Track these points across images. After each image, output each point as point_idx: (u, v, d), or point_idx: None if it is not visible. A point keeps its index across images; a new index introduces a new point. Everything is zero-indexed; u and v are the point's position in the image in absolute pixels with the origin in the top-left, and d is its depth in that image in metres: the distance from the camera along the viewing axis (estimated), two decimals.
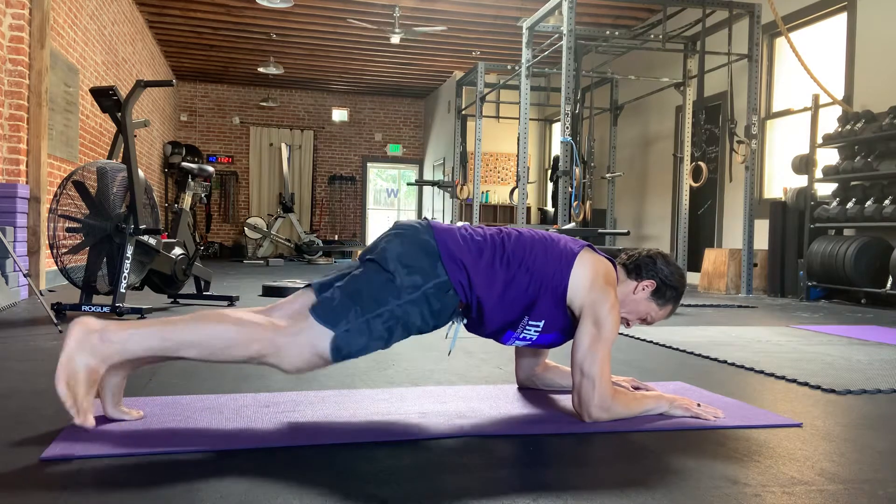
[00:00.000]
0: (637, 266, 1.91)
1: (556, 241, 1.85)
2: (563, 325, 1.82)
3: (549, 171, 11.99)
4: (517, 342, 1.87)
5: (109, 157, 4.01)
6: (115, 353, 1.55)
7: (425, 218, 1.84)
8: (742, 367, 2.65)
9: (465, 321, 1.84)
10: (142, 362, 1.66)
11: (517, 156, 7.93)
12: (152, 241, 3.87)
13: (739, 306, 5.24)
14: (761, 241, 6.83)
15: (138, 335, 1.55)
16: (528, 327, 1.81)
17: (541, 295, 1.77)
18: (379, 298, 1.66)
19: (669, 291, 1.91)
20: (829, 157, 6.14)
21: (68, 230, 3.72)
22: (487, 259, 1.76)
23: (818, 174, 5.95)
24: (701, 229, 8.34)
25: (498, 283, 1.75)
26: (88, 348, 1.53)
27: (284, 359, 1.61)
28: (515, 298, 1.77)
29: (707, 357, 2.85)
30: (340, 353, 1.63)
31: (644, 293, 1.90)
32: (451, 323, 1.82)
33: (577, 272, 1.78)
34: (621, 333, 3.45)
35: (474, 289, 1.73)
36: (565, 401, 1.97)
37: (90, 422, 1.51)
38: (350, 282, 1.70)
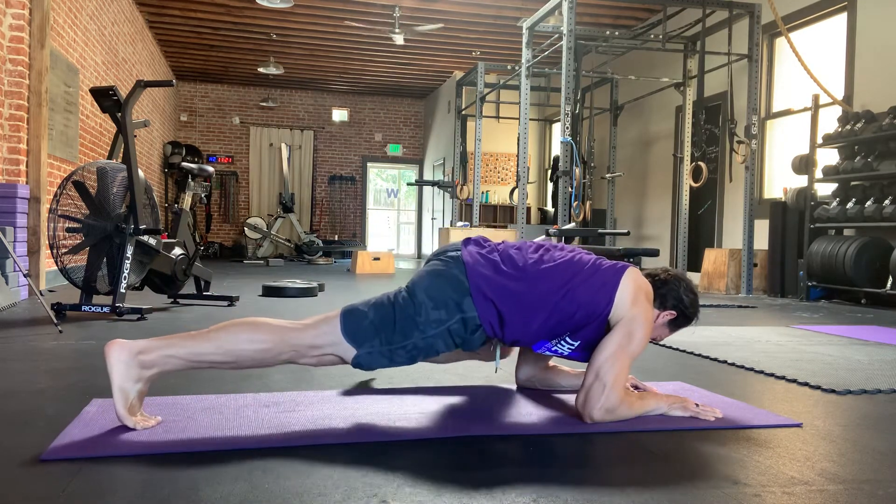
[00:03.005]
0: (662, 295, 1.93)
1: (600, 268, 1.82)
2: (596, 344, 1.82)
3: (549, 171, 11.99)
4: (547, 351, 1.87)
5: (109, 157, 4.01)
6: (155, 373, 1.64)
7: (465, 241, 1.86)
8: (742, 367, 2.65)
9: (503, 341, 1.86)
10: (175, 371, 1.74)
11: (517, 156, 7.93)
12: (152, 241, 3.87)
13: (739, 306, 5.24)
14: (761, 241, 6.83)
15: (173, 360, 1.63)
16: (562, 343, 1.83)
17: (589, 323, 1.79)
18: (405, 331, 1.72)
19: (684, 322, 1.97)
20: (829, 157, 6.14)
21: (68, 230, 3.72)
22: (524, 294, 1.76)
23: (818, 174, 5.95)
24: (701, 229, 8.34)
25: (536, 320, 1.77)
26: (135, 375, 1.61)
27: (308, 360, 1.72)
28: (559, 323, 1.78)
29: (707, 357, 2.85)
30: (361, 366, 1.74)
31: (662, 320, 1.95)
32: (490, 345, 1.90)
33: (622, 292, 1.79)
34: None
35: (506, 327, 1.76)
36: (565, 401, 1.97)
37: (153, 422, 1.63)
38: (384, 303, 1.75)
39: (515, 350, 2.31)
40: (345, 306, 1.77)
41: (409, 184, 11.78)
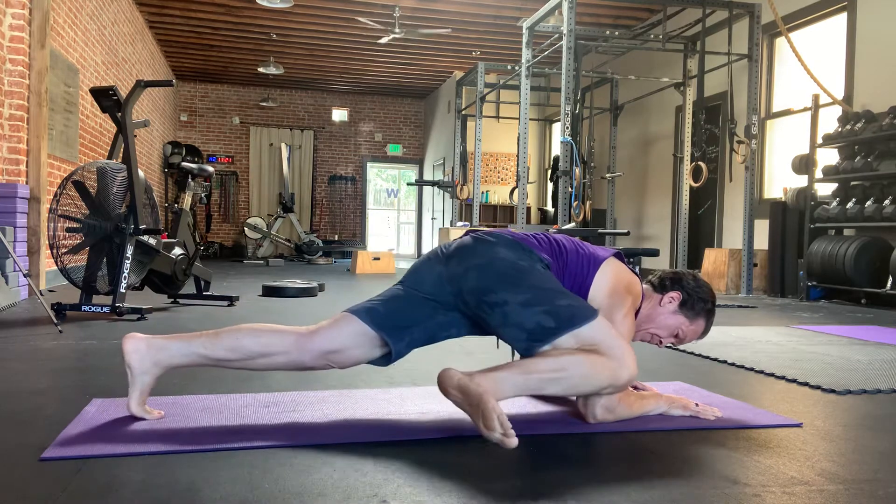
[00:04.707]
0: (661, 281, 1.92)
1: (587, 247, 1.88)
2: None
3: (549, 171, 11.99)
4: None
5: (109, 157, 4.01)
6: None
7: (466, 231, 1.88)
8: (742, 367, 2.65)
9: None
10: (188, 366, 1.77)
11: (517, 156, 7.93)
12: (152, 241, 3.87)
13: (739, 306, 5.24)
14: (761, 241, 6.83)
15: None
16: None
17: (564, 284, 1.78)
18: (556, 286, 1.69)
19: (698, 304, 1.89)
20: (829, 157, 6.14)
21: (68, 230, 3.72)
22: (539, 249, 1.81)
23: (818, 174, 5.95)
24: (701, 229, 8.34)
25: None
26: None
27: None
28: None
29: (707, 357, 2.85)
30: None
31: (671, 305, 1.89)
32: None
33: (601, 275, 1.80)
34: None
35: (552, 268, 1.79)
36: (565, 401, 1.97)
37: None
38: (529, 288, 1.66)
39: (510, 348, 2.30)
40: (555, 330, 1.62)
41: (409, 184, 11.78)
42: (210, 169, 4.71)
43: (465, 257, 1.73)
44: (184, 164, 4.63)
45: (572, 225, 6.16)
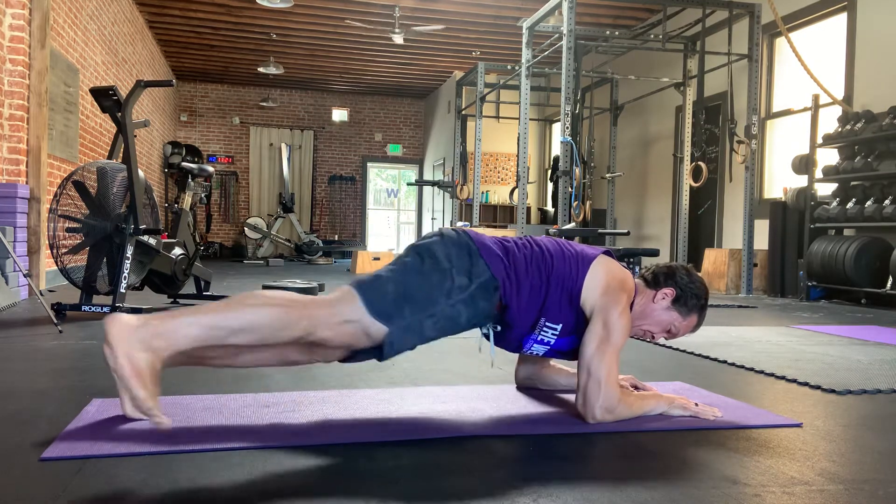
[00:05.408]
0: (655, 276, 1.90)
1: (574, 247, 1.87)
2: (580, 329, 1.81)
3: (549, 171, 11.99)
4: (535, 345, 1.86)
5: (109, 157, 4.01)
6: (166, 346, 1.53)
7: (456, 227, 1.87)
8: (742, 367, 2.65)
9: (497, 328, 1.82)
10: (184, 357, 1.63)
11: (517, 156, 7.93)
12: (152, 241, 3.86)
13: (739, 306, 5.24)
14: (761, 241, 6.83)
15: (185, 325, 1.54)
16: (545, 329, 1.81)
17: (551, 289, 1.77)
18: (431, 297, 1.68)
19: (692, 300, 1.88)
20: (829, 157, 6.14)
21: (68, 230, 3.72)
22: (514, 257, 1.79)
23: (818, 174, 5.95)
24: (701, 229, 8.34)
25: (524, 283, 1.77)
26: (139, 344, 1.51)
27: (326, 330, 1.62)
28: (532, 298, 1.78)
29: (707, 357, 2.85)
30: (393, 348, 1.67)
31: (664, 301, 1.88)
32: (482, 331, 1.84)
33: (592, 274, 1.79)
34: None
35: (512, 284, 1.76)
36: (565, 401, 1.97)
37: (168, 420, 1.50)
38: (401, 276, 1.70)
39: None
40: (353, 283, 1.69)
41: (409, 184, 11.78)
42: (210, 169, 4.71)
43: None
44: (184, 164, 4.63)
45: (572, 225, 6.15)
